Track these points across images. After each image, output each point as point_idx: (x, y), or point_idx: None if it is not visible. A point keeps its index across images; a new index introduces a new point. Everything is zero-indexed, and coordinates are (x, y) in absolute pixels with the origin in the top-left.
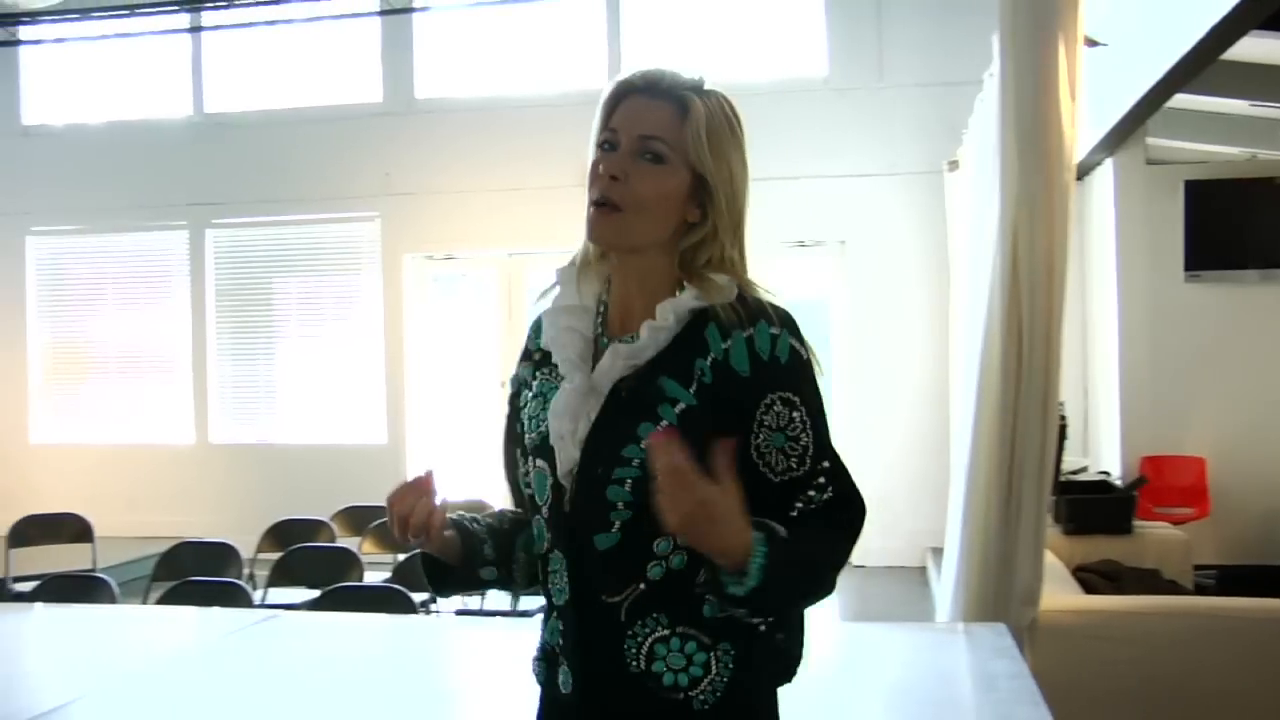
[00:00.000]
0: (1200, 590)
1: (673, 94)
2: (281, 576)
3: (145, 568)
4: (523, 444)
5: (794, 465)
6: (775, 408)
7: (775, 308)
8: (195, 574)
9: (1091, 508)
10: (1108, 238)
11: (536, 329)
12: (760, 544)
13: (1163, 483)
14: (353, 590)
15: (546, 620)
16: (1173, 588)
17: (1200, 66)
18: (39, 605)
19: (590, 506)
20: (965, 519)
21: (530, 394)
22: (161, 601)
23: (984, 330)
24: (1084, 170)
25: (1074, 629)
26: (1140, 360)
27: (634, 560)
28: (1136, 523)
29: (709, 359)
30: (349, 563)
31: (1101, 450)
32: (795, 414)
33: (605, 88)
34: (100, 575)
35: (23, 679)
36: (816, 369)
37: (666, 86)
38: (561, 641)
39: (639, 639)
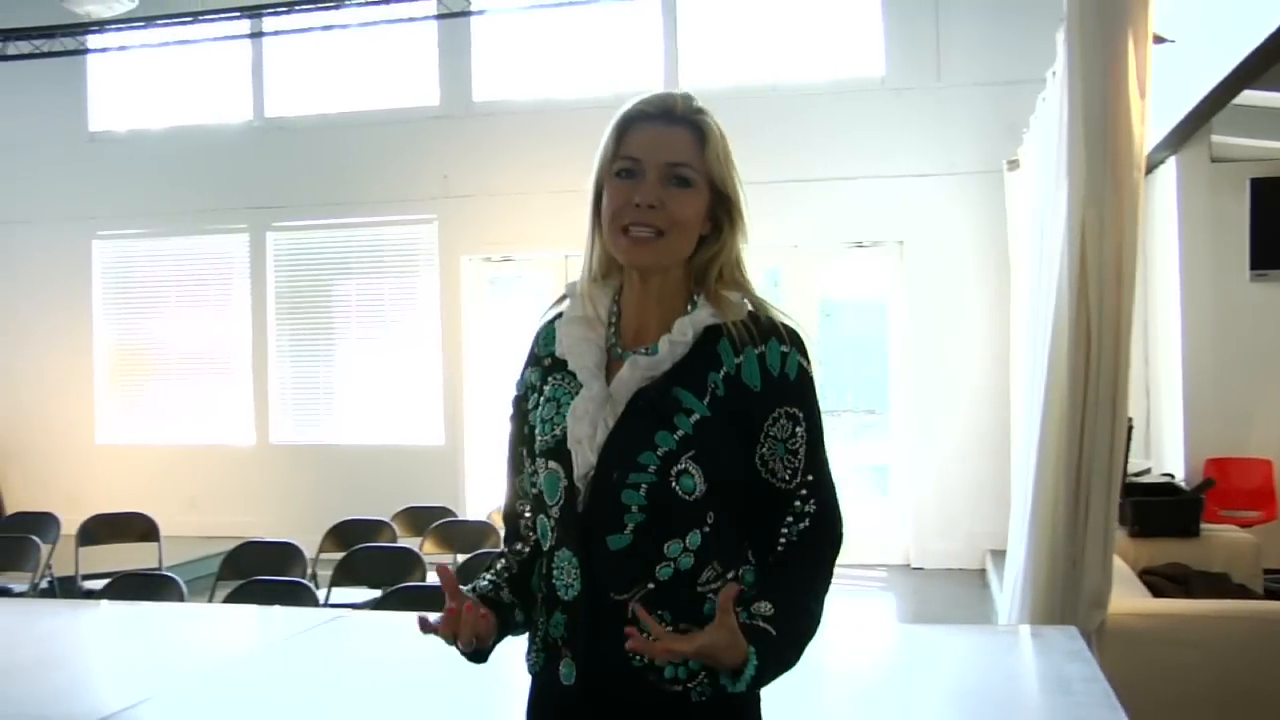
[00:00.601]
0: (1270, 594)
1: (687, 119)
2: (344, 576)
3: (209, 567)
4: (530, 445)
5: (787, 477)
6: (780, 421)
7: (786, 327)
8: (259, 573)
9: (1157, 510)
10: (1171, 236)
11: (547, 336)
12: (754, 656)
13: (1229, 485)
14: (415, 590)
15: (548, 614)
16: (1242, 592)
17: (1269, 63)
18: (105, 602)
19: (604, 509)
20: (1032, 521)
21: (542, 398)
22: (228, 600)
23: (1051, 331)
24: (1147, 168)
25: (1142, 633)
26: (1204, 360)
27: (644, 561)
28: (1203, 525)
29: (721, 372)
30: (411, 563)
31: (1164, 452)
32: (798, 429)
33: (613, 115)
34: (168, 574)
35: (94, 677)
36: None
37: (681, 112)
38: (566, 634)
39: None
